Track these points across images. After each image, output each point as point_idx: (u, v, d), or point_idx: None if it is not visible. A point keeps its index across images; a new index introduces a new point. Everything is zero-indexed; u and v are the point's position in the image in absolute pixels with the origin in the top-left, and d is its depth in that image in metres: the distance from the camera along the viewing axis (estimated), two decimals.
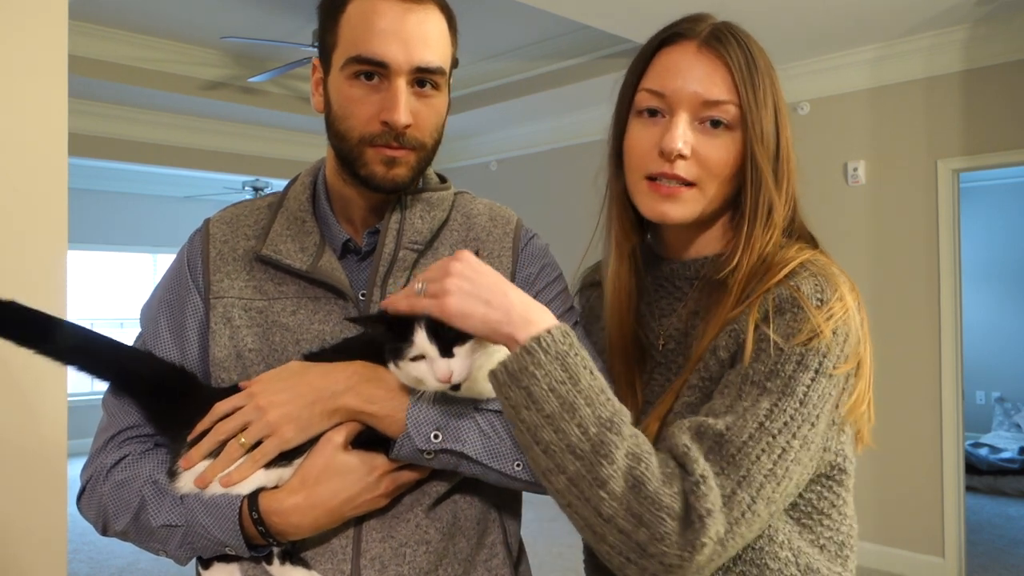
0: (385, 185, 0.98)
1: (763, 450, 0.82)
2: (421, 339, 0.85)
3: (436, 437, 0.91)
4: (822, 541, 0.94)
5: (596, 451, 0.80)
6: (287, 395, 0.92)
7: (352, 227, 1.07)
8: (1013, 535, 4.99)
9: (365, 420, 0.94)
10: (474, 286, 0.84)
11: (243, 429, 0.93)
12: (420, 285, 0.86)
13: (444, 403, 0.92)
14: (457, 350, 0.86)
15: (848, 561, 0.97)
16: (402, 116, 0.94)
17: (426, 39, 0.95)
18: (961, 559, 4.09)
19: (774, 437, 0.82)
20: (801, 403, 0.84)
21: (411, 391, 0.93)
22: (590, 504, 0.80)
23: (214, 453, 0.93)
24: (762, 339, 0.87)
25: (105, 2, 4.55)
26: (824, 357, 0.86)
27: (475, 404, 0.94)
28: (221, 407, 0.94)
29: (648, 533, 0.78)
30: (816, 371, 0.86)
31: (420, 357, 0.86)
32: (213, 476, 0.93)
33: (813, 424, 0.85)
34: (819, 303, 0.88)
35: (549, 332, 0.83)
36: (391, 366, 0.91)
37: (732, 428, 0.83)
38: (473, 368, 0.88)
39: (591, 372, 0.84)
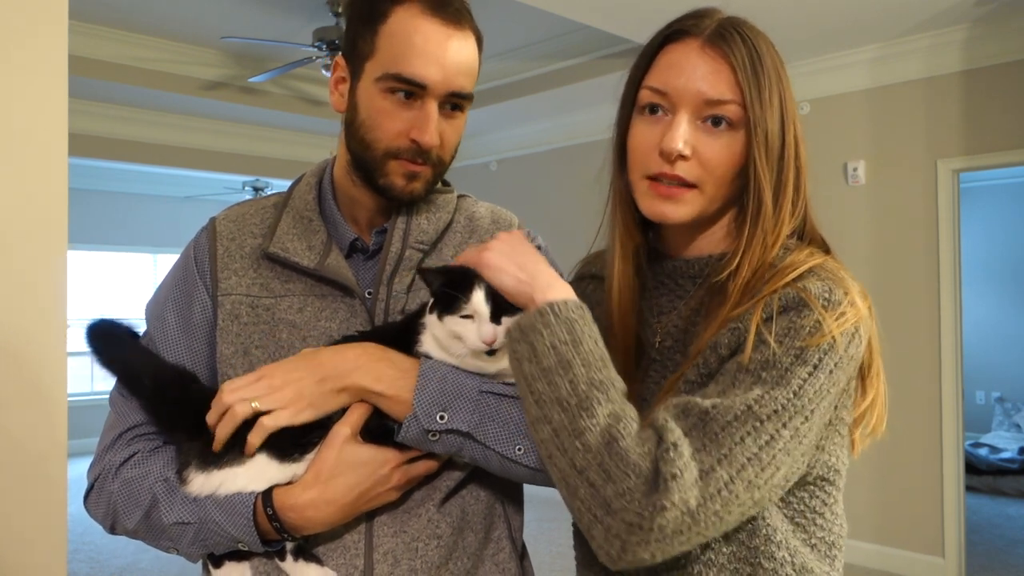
0: (403, 197, 1.02)
1: (748, 432, 0.81)
2: (478, 298, 0.91)
3: (442, 418, 0.91)
4: (813, 541, 0.94)
5: (581, 405, 0.84)
6: (299, 373, 0.94)
7: (357, 227, 1.08)
8: (1013, 535, 4.99)
9: (372, 400, 0.94)
10: (513, 251, 0.94)
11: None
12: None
13: (449, 385, 0.93)
14: (505, 319, 0.92)
15: (836, 561, 0.97)
16: (433, 137, 0.97)
17: (462, 66, 0.99)
18: (961, 559, 4.09)
19: (762, 422, 0.81)
20: (795, 394, 0.83)
21: (418, 373, 0.93)
22: (567, 455, 0.83)
23: (231, 460, 0.93)
24: (763, 334, 0.87)
25: (105, 2, 4.55)
26: (825, 354, 0.85)
27: (479, 387, 0.94)
28: (233, 383, 0.94)
29: (614, 488, 0.80)
30: (815, 366, 0.84)
31: (469, 316, 0.91)
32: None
33: (807, 418, 0.84)
34: (826, 303, 0.87)
35: (565, 301, 0.89)
36: (431, 319, 0.94)
37: (718, 407, 0.82)
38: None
39: (595, 342, 0.88)
